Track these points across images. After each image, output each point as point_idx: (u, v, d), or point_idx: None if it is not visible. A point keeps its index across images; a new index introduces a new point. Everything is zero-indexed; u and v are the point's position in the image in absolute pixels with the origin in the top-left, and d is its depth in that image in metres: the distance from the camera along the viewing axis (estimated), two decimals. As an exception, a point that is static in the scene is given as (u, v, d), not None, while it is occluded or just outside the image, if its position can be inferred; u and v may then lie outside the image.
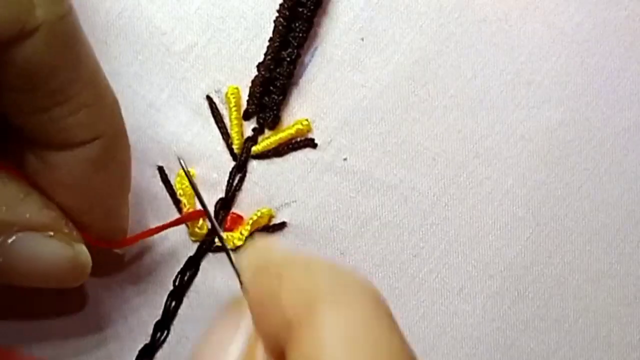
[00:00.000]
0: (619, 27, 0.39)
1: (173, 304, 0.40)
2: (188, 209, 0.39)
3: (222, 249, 0.39)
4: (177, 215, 0.39)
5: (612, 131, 0.40)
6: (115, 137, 0.34)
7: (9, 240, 0.33)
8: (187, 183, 0.39)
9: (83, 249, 0.35)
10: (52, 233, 0.34)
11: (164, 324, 0.40)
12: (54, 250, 0.34)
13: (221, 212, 0.39)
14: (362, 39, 0.39)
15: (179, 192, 0.39)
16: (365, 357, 0.26)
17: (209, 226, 0.39)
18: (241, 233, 0.39)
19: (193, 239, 0.40)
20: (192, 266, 0.40)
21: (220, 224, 0.39)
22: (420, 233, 0.40)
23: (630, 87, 0.40)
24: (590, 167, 0.40)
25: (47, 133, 0.32)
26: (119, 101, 0.35)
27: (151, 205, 0.40)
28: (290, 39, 0.38)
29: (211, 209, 0.39)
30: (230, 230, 0.39)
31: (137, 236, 0.38)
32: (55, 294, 0.37)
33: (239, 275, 0.31)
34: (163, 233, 0.39)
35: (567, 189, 0.40)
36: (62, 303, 0.39)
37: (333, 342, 0.26)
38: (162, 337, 0.40)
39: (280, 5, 0.38)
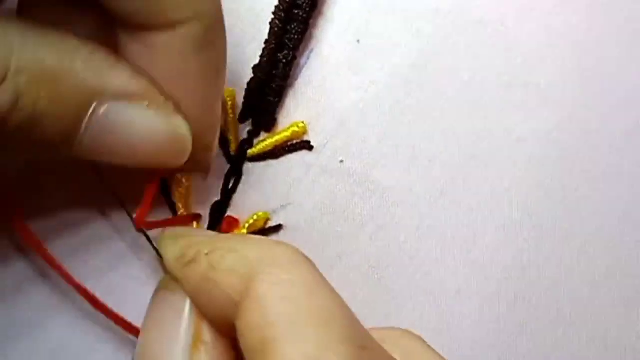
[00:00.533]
0: (616, 29, 0.39)
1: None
2: (182, 212, 0.39)
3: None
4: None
5: (609, 133, 0.40)
6: (215, 18, 0.33)
7: (101, 110, 0.31)
8: (184, 185, 0.39)
9: (182, 121, 0.33)
10: (146, 103, 0.32)
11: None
12: (150, 120, 0.32)
13: (217, 215, 0.39)
14: (358, 41, 0.39)
15: (175, 195, 0.39)
16: (308, 315, 0.27)
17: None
18: (238, 236, 0.39)
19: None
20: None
21: (216, 227, 0.39)
22: (417, 235, 0.40)
23: (628, 89, 0.40)
24: (587, 169, 0.40)
25: (149, 13, 0.31)
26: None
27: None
28: (286, 41, 0.38)
29: (207, 212, 0.39)
30: (226, 233, 0.39)
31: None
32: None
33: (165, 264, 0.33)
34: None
35: (563, 191, 0.40)
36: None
37: (275, 306, 0.28)
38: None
39: (276, 7, 0.38)
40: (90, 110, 0.31)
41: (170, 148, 0.33)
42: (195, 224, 0.39)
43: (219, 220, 0.39)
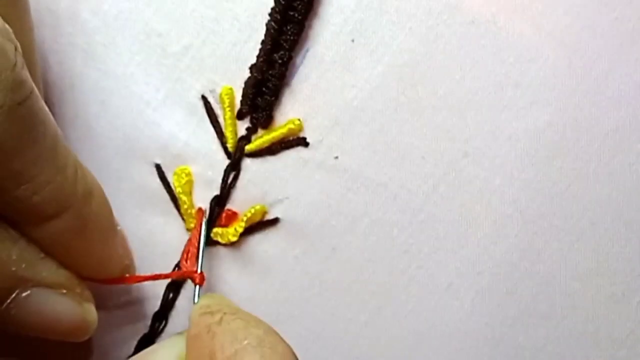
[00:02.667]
0: (607, 30, 0.39)
1: (171, 295, 0.41)
2: (187, 208, 0.40)
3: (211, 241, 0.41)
4: (173, 211, 0.41)
5: (599, 132, 0.40)
6: (83, 202, 0.35)
7: (24, 294, 0.35)
8: (185, 180, 0.40)
9: (92, 308, 0.37)
10: (64, 291, 0.36)
11: (162, 315, 0.41)
12: (64, 307, 0.36)
13: (216, 208, 0.41)
14: (353, 41, 0.40)
15: (177, 190, 0.41)
16: None
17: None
18: (235, 229, 0.40)
19: (189, 234, 0.41)
20: (188, 260, 0.41)
21: (215, 221, 0.41)
22: (410, 230, 0.41)
23: (618, 88, 0.40)
24: (578, 167, 0.40)
25: (17, 211, 0.33)
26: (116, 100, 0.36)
27: (149, 202, 0.41)
28: (282, 42, 0.39)
29: (207, 206, 0.41)
30: (225, 226, 0.41)
31: (138, 278, 0.40)
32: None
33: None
34: (160, 229, 0.41)
35: (554, 188, 0.40)
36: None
37: None
38: (160, 327, 0.41)
39: (272, 9, 0.39)
40: (13, 295, 0.34)
41: (77, 330, 0.37)
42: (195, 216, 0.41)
43: (219, 213, 0.41)
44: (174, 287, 0.41)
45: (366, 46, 0.40)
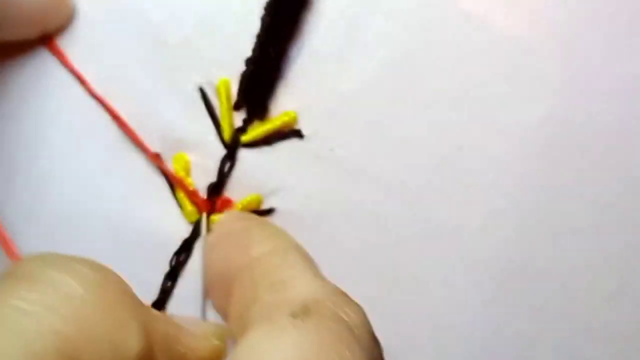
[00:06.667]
0: (601, 25, 0.39)
1: (169, 284, 0.42)
2: (190, 190, 0.41)
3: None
4: (172, 200, 0.42)
5: (593, 127, 0.40)
6: None
7: None
8: (183, 166, 0.41)
9: None
10: None
11: (161, 304, 0.42)
12: None
13: (212, 195, 0.41)
14: (347, 35, 0.40)
15: (179, 173, 0.41)
16: None
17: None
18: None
19: (188, 221, 0.42)
20: (187, 248, 0.42)
21: (211, 207, 0.42)
22: (404, 221, 0.41)
23: (612, 84, 0.40)
24: (571, 162, 0.40)
25: None
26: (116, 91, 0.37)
27: (147, 191, 0.42)
28: (277, 36, 0.40)
29: (204, 193, 0.42)
30: (220, 212, 0.41)
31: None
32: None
33: None
34: (159, 217, 0.41)
35: (548, 182, 0.40)
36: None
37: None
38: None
39: (267, 3, 0.40)
40: None
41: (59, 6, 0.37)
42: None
43: (215, 200, 0.41)
44: (172, 276, 0.42)
45: (361, 40, 0.40)
